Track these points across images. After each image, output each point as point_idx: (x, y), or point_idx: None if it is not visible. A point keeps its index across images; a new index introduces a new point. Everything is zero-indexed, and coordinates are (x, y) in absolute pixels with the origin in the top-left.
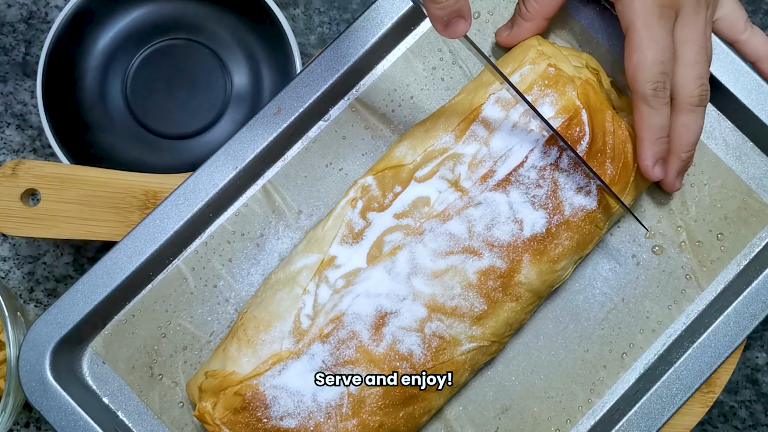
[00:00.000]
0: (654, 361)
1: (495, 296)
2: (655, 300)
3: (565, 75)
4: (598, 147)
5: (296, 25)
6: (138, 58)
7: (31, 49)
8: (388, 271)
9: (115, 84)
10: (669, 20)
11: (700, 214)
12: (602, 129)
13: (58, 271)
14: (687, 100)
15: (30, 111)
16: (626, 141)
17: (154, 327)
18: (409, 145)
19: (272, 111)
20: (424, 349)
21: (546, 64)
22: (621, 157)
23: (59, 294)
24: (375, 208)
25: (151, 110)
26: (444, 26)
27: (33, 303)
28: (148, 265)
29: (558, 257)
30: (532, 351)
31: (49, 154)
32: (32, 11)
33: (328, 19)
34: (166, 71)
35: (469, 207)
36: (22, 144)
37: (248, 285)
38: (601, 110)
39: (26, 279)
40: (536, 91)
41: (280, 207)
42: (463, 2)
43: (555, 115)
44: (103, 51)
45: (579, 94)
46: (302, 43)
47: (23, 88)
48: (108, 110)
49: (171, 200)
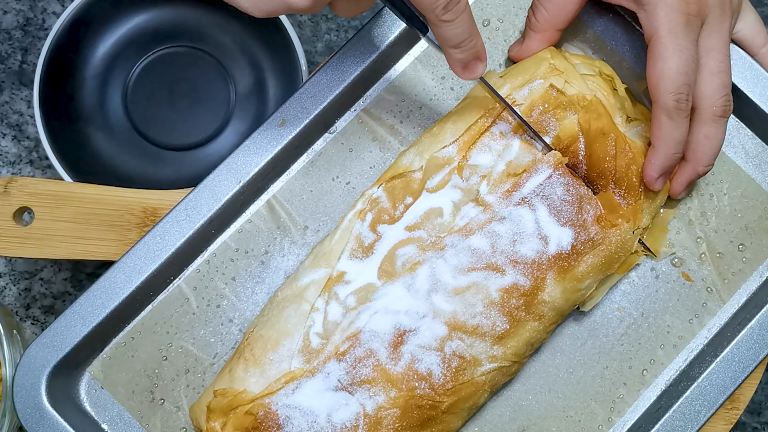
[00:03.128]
0: (676, 377)
1: (518, 315)
2: (675, 314)
3: (566, 98)
4: (598, 172)
5: (303, 32)
6: (138, 67)
7: (27, 57)
8: (408, 288)
9: (115, 93)
10: (695, 29)
11: (721, 224)
12: (604, 154)
13: (56, 288)
14: (710, 110)
15: (26, 121)
16: (630, 163)
17: (155, 349)
18: (416, 151)
19: (276, 123)
20: (444, 369)
21: (549, 84)
22: (624, 179)
23: (57, 311)
24: (385, 221)
25: (152, 120)
26: (463, 68)
27: (30, 320)
28: (148, 285)
29: (583, 275)
30: (549, 369)
31: (46, 166)
32: (29, 18)
33: (336, 26)
34: (167, 80)
35: (493, 222)
36: (18, 156)
37: (253, 304)
38: (603, 134)
39: (22, 296)
40: (536, 114)
41: (285, 223)
42: (481, 45)
43: (553, 141)
44: (103, 59)
45: (581, 120)
46: (309, 51)
47: (19, 98)
48: (107, 121)
49: (171, 217)
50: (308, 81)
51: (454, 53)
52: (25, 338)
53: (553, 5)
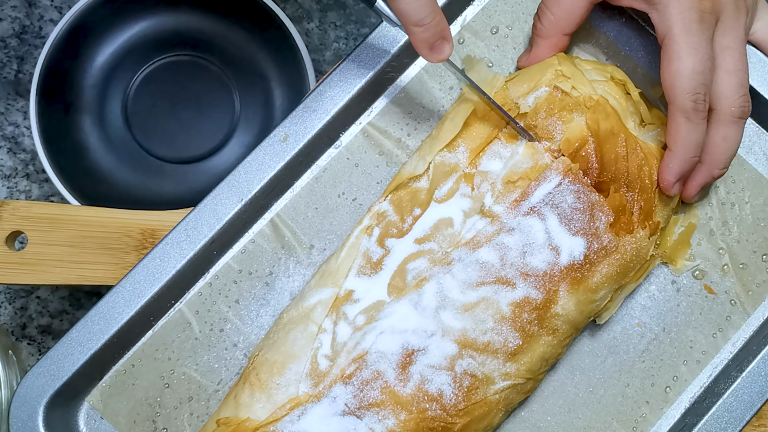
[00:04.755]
0: (700, 394)
1: (530, 330)
2: (698, 328)
3: (573, 99)
4: (609, 176)
5: (310, 40)
6: (139, 76)
7: (23, 66)
8: (414, 305)
9: (115, 104)
10: (709, 27)
11: (743, 234)
12: (614, 155)
13: (53, 307)
14: (728, 111)
15: (23, 133)
16: (642, 164)
17: (157, 377)
18: (418, 156)
19: (279, 138)
20: (455, 389)
21: (553, 87)
22: (637, 181)
23: (54, 331)
24: (393, 234)
25: (153, 132)
26: (429, 49)
27: (26, 341)
28: (148, 310)
29: (597, 286)
30: (568, 388)
31: (43, 180)
32: (25, 25)
33: (345, 33)
34: (169, 90)
35: (501, 233)
36: (14, 169)
37: (258, 327)
38: (613, 134)
39: (18, 315)
40: (541, 118)
41: (290, 242)
42: (444, 23)
43: (561, 145)
44: (102, 68)
45: (588, 121)
46: (317, 60)
47: (15, 109)
48: (107, 132)
49: (171, 238)
50: (310, 94)
51: (417, 32)
52: (21, 359)
53: (560, 9)
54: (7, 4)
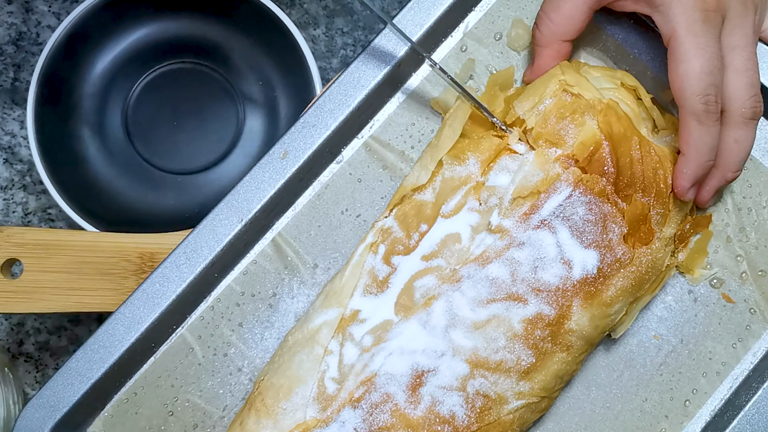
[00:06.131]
0: (721, 407)
1: (544, 347)
2: (717, 339)
3: (583, 102)
4: (626, 180)
5: (316, 47)
6: (140, 84)
7: (20, 73)
8: (423, 325)
9: (115, 113)
10: (715, 25)
11: (761, 240)
12: (628, 158)
13: (51, 323)
14: (739, 112)
15: (19, 143)
16: (657, 167)
17: (160, 405)
18: (420, 166)
19: (278, 155)
20: (468, 410)
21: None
22: (653, 185)
23: (52, 348)
24: (400, 251)
25: (154, 142)
26: None
27: (23, 358)
28: (149, 336)
29: (611, 300)
30: (584, 404)
31: (40, 192)
32: (22, 32)
33: (352, 40)
34: (171, 99)
35: (511, 248)
36: (10, 180)
37: (263, 351)
38: (626, 137)
39: (15, 331)
40: (552, 123)
41: (293, 262)
42: None
43: (575, 150)
44: (101, 76)
45: (600, 123)
46: (323, 68)
47: (12, 118)
48: (106, 142)
49: (170, 262)
50: (309, 108)
51: None
52: (18, 377)
53: (560, 15)
54: (2, 10)
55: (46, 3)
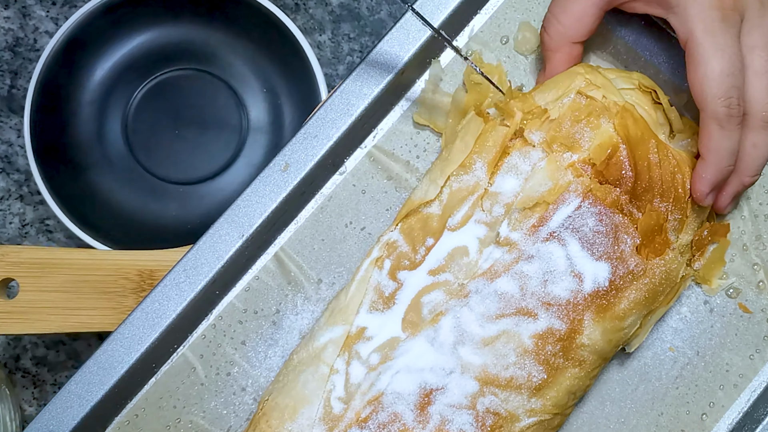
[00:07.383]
0: (739, 420)
1: (555, 362)
2: (734, 350)
3: (598, 104)
4: (644, 185)
5: (322, 53)
6: (140, 92)
7: (17, 81)
8: (431, 342)
9: (114, 121)
10: (734, 25)
11: None
12: (646, 162)
13: (49, 337)
14: (759, 116)
15: (16, 152)
16: (675, 171)
17: (162, 426)
18: (428, 180)
19: (279, 167)
20: (478, 429)
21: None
22: (671, 190)
23: (50, 363)
24: (406, 266)
25: (155, 152)
26: None
27: (20, 373)
28: (150, 356)
29: (624, 313)
30: (598, 420)
31: (38, 202)
32: (19, 38)
33: (359, 46)
34: (172, 107)
35: (520, 261)
36: (7, 190)
37: (267, 370)
38: (643, 140)
39: (12, 345)
40: (567, 126)
41: (297, 277)
42: None
43: (591, 153)
44: (101, 83)
45: (617, 126)
46: (329, 74)
47: (8, 126)
48: (106, 152)
49: (170, 279)
50: (310, 119)
51: None
52: (15, 393)
53: (568, 16)
54: None
55: (44, 8)
